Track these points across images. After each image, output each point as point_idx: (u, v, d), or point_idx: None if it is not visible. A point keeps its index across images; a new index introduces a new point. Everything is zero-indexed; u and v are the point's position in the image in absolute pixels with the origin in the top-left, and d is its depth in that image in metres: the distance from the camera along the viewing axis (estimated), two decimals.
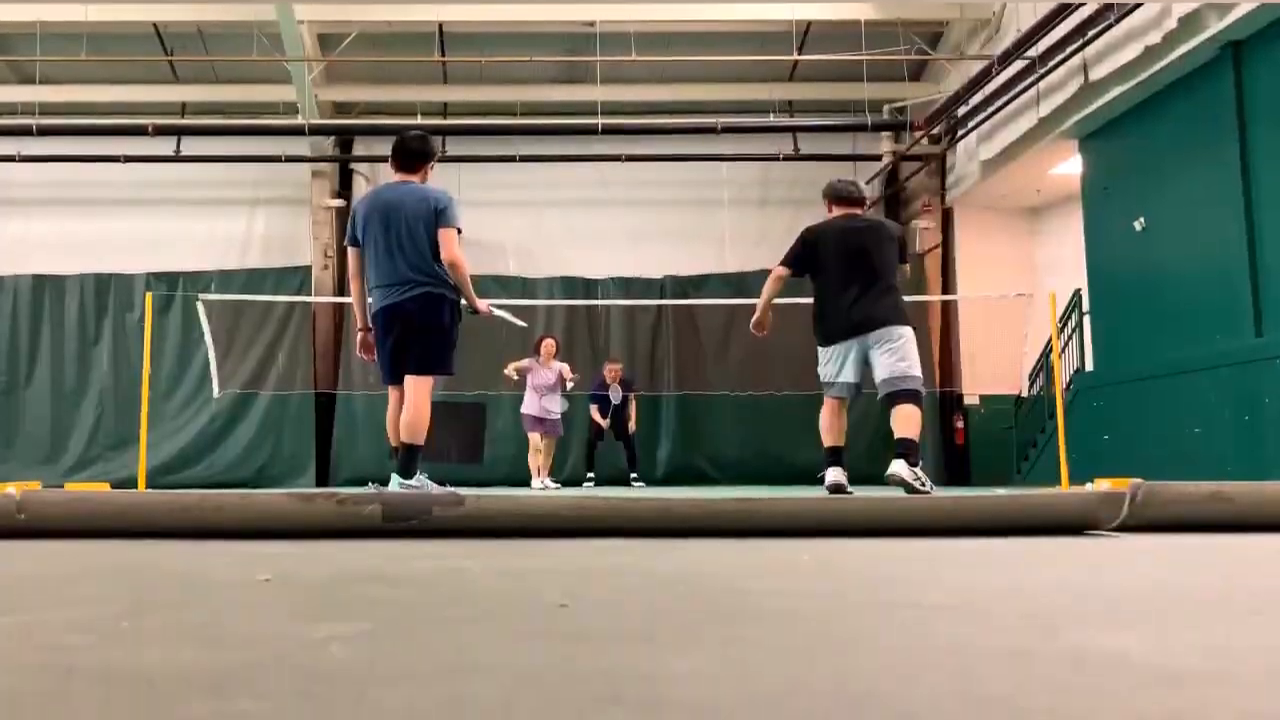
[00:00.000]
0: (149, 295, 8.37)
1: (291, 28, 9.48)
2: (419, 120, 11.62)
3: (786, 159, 11.72)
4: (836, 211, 5.08)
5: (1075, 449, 8.82)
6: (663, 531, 2.57)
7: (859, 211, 5.09)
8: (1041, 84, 9.16)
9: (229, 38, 10.99)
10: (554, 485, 9.62)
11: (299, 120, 11.12)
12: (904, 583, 1.62)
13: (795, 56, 10.85)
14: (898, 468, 4.53)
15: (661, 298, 11.63)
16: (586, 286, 11.83)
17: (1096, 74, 8.46)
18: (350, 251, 4.48)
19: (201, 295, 8.90)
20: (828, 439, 4.94)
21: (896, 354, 4.73)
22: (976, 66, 10.03)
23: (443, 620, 1.27)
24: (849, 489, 4.69)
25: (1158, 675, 0.87)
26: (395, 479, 4.21)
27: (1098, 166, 9.45)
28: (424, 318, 4.24)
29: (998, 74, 9.35)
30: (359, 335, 4.53)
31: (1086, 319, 10.14)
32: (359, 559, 2.04)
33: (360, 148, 12.17)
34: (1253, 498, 2.71)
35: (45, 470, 10.80)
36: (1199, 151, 7.91)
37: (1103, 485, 3.99)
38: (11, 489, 2.63)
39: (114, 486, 7.88)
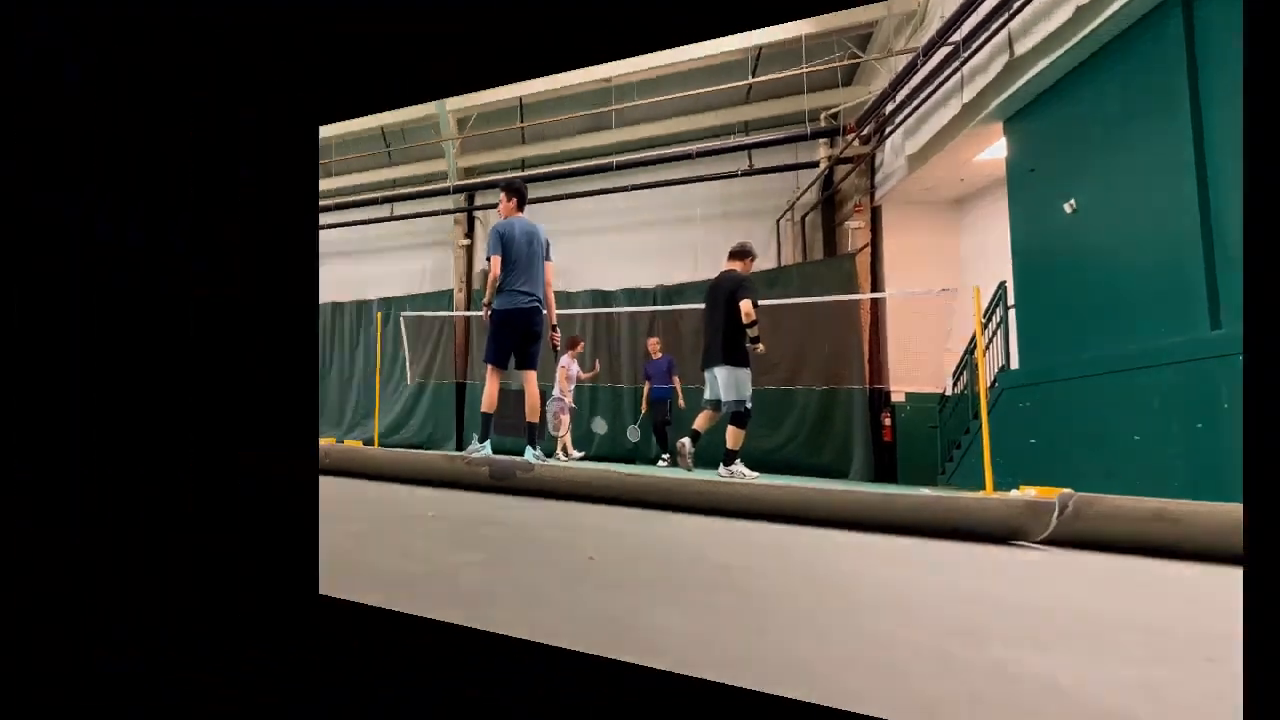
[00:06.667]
0: (379, 314, 8.91)
1: (444, 117, 9.77)
2: (507, 175, 11.63)
3: (744, 174, 10.14)
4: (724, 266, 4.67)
5: (1000, 452, 6.01)
6: (663, 505, 2.28)
7: (735, 267, 4.66)
8: (965, 68, 6.70)
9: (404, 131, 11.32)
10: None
11: (447, 184, 11.43)
12: (838, 575, 1.37)
13: (750, 80, 9.44)
14: (720, 470, 4.27)
15: (655, 304, 10.67)
16: (605, 297, 11.10)
17: (1022, 47, 5.95)
18: (496, 259, 4.28)
19: (403, 314, 9.47)
20: (698, 423, 4.64)
21: (716, 386, 4.52)
22: (903, 62, 7.76)
23: (523, 562, 1.29)
24: (685, 461, 4.39)
25: (1091, 711, 0.69)
26: (528, 450, 4.10)
27: (1024, 147, 6.57)
28: (537, 328, 4.19)
29: (923, 65, 6.99)
30: (486, 310, 4.33)
31: (1012, 313, 7.12)
32: (478, 505, 2.10)
33: (478, 199, 12.27)
34: (1202, 521, 1.76)
35: (335, 431, 11.60)
36: (1142, 116, 4.94)
37: (1029, 492, 3.00)
38: (324, 443, 2.84)
39: (364, 444, 8.47)
